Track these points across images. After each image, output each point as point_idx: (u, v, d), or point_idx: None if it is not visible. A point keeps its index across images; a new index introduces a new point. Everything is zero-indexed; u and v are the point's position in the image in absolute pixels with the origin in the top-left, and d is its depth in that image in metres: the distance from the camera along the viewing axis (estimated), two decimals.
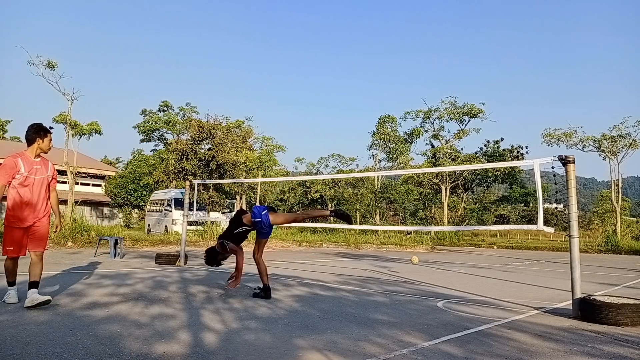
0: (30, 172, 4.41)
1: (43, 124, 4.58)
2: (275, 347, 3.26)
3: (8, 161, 4.38)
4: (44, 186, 4.54)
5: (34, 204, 4.43)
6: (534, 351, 3.35)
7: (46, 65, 19.84)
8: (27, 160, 4.45)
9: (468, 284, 7.90)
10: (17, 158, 4.41)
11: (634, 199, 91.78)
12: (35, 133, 4.50)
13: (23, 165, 4.38)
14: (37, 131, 4.50)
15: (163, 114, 43.91)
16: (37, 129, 4.51)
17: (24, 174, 4.37)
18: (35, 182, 4.44)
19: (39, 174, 4.49)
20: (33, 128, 4.51)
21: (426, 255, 18.08)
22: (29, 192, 4.39)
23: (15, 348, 2.98)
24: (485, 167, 26.48)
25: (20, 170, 4.36)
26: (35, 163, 4.48)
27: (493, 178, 43.19)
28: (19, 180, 4.36)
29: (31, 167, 4.43)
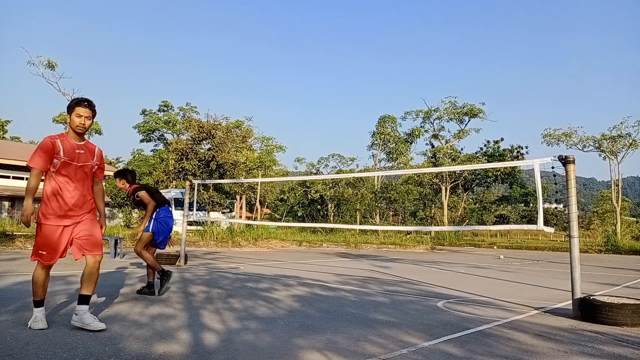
0: (70, 158, 3.54)
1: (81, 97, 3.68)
2: (275, 347, 3.26)
3: (45, 142, 3.51)
4: (89, 176, 3.68)
5: (76, 198, 3.56)
6: (534, 351, 3.35)
7: (46, 65, 19.91)
8: (67, 142, 3.58)
9: (468, 284, 7.90)
10: (57, 139, 3.55)
11: (634, 199, 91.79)
12: (67, 109, 3.66)
13: (62, 148, 3.53)
14: (68, 106, 3.66)
15: (163, 114, 43.94)
16: (68, 104, 3.65)
17: (62, 158, 3.51)
18: (77, 171, 3.58)
19: (82, 160, 3.61)
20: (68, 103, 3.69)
21: (426, 255, 18.08)
22: (69, 183, 3.53)
23: (15, 348, 2.98)
24: (485, 167, 26.49)
25: (59, 154, 3.51)
26: (77, 147, 3.61)
27: (493, 178, 43.23)
28: (56, 166, 3.51)
29: (72, 151, 3.56)
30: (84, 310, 3.50)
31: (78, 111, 3.58)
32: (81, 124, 3.59)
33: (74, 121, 3.59)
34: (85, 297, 3.54)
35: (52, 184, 3.51)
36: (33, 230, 14.71)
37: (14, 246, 12.58)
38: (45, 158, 3.48)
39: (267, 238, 19.21)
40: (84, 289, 3.56)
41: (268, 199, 47.54)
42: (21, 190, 36.45)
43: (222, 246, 17.03)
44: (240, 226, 20.18)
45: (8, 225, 15.36)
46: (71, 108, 3.61)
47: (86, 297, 3.55)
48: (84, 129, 3.62)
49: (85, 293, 3.55)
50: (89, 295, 3.56)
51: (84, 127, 3.60)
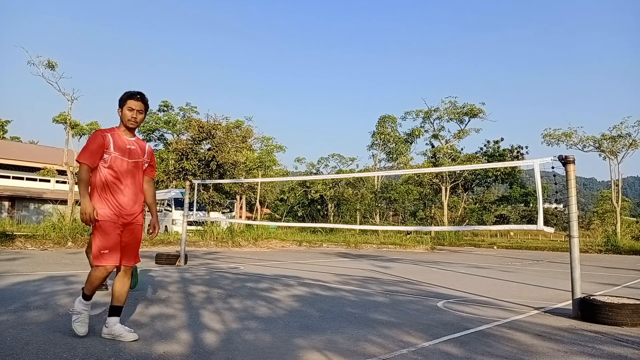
0: (122, 153, 3.35)
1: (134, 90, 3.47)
2: (275, 347, 3.26)
3: (95, 135, 3.34)
4: (140, 173, 3.49)
5: (128, 196, 3.37)
6: (534, 351, 3.35)
7: (46, 65, 19.87)
8: (118, 137, 3.39)
9: (468, 284, 7.90)
10: (107, 133, 3.36)
11: (634, 199, 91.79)
12: (119, 102, 3.45)
13: (113, 143, 3.34)
14: (120, 100, 3.44)
15: (163, 114, 43.92)
16: (120, 97, 3.45)
17: (113, 153, 3.32)
18: (129, 167, 3.38)
19: (133, 156, 3.42)
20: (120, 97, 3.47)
21: (426, 255, 18.07)
22: (120, 179, 3.34)
23: (15, 348, 2.98)
24: (485, 167, 26.49)
25: (109, 149, 3.32)
26: (128, 142, 3.43)
27: (493, 178, 43.22)
28: (107, 162, 3.31)
29: (123, 146, 3.38)
30: (114, 322, 3.28)
31: (130, 104, 3.38)
32: (133, 118, 3.38)
33: (126, 115, 3.38)
34: (116, 308, 3.34)
35: (103, 180, 3.29)
36: (33, 230, 14.75)
37: (14, 246, 12.58)
38: (95, 153, 3.28)
39: (267, 238, 19.21)
40: (117, 300, 3.34)
41: (268, 199, 47.52)
42: (21, 190, 36.46)
43: (222, 246, 17.03)
44: (240, 226, 20.18)
45: (8, 225, 15.36)
46: (123, 101, 3.41)
47: (117, 309, 3.35)
48: (136, 123, 3.42)
49: (118, 304, 3.34)
50: (120, 306, 3.36)
51: (135, 121, 3.40)
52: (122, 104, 3.41)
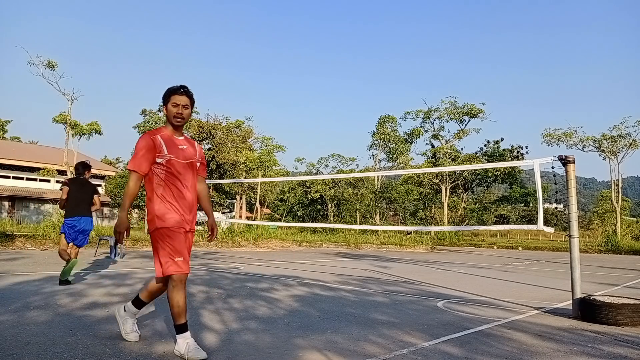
0: (175, 155, 3.10)
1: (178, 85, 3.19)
2: (275, 347, 3.26)
3: (145, 140, 3.06)
4: (195, 174, 3.22)
5: (187, 200, 3.11)
6: (534, 351, 3.35)
7: (46, 65, 19.89)
8: (169, 138, 3.14)
9: (468, 284, 7.90)
10: (156, 135, 3.11)
11: (634, 199, 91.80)
12: (163, 99, 3.19)
13: (164, 145, 3.09)
14: (163, 96, 3.18)
15: (163, 114, 43.89)
16: (163, 94, 3.19)
17: (167, 156, 3.06)
18: (184, 169, 3.13)
19: (187, 156, 3.16)
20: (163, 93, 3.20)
21: (426, 255, 18.08)
22: (177, 183, 3.08)
23: (15, 348, 2.98)
24: (485, 167, 26.51)
25: (163, 152, 3.07)
26: (179, 142, 3.17)
27: (493, 178, 43.22)
28: (161, 166, 3.05)
29: (175, 147, 3.13)
30: (186, 337, 2.97)
31: (174, 100, 3.12)
32: (179, 114, 3.11)
33: (171, 111, 3.12)
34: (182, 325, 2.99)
35: (163, 186, 3.05)
36: (33, 230, 14.76)
37: (14, 246, 12.59)
38: (145, 159, 3.02)
39: (267, 238, 19.21)
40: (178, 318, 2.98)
41: (268, 199, 47.50)
42: (21, 190, 36.46)
43: (222, 246, 17.03)
44: (240, 226, 20.18)
45: (8, 225, 15.36)
46: (166, 97, 3.15)
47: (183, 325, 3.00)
48: (183, 120, 3.15)
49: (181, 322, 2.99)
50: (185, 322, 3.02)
51: (182, 117, 3.13)
52: (166, 101, 3.15)
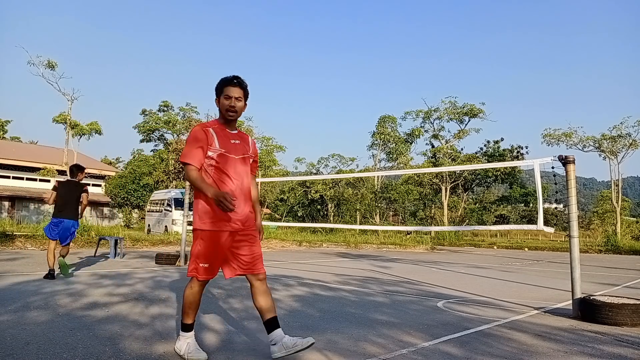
0: (227, 149, 2.93)
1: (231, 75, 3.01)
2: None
3: (197, 132, 2.92)
4: (247, 171, 3.05)
5: (239, 197, 2.93)
6: (534, 351, 3.35)
7: (46, 66, 19.91)
8: (221, 131, 2.97)
9: (468, 284, 7.90)
10: (209, 127, 2.95)
11: (634, 199, 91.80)
12: (215, 91, 3.03)
13: (217, 138, 2.92)
14: (216, 88, 3.02)
15: (163, 114, 43.89)
16: (216, 86, 3.02)
17: (218, 150, 2.90)
18: (236, 165, 2.96)
19: (239, 152, 2.99)
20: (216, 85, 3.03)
21: (426, 255, 18.08)
22: (228, 180, 2.92)
23: (15, 348, 2.98)
24: (485, 167, 26.51)
25: (214, 145, 2.90)
26: (232, 136, 3.01)
27: (493, 178, 43.22)
28: (211, 160, 2.90)
29: (227, 141, 2.96)
30: (280, 336, 2.89)
31: (227, 92, 2.94)
32: (232, 107, 2.94)
33: (223, 104, 2.95)
34: (274, 320, 2.95)
35: (209, 183, 2.88)
36: (33, 230, 14.75)
37: (14, 246, 12.58)
38: (198, 151, 2.87)
39: (267, 238, 19.21)
40: (269, 312, 2.95)
41: (268, 199, 47.50)
42: (21, 190, 36.47)
43: None
44: None
45: (8, 225, 15.36)
46: (219, 90, 2.99)
47: (275, 320, 2.96)
48: (236, 113, 2.97)
49: (272, 316, 2.95)
50: (275, 316, 2.97)
51: (235, 110, 2.95)
52: (219, 93, 2.99)
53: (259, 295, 2.96)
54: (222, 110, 2.99)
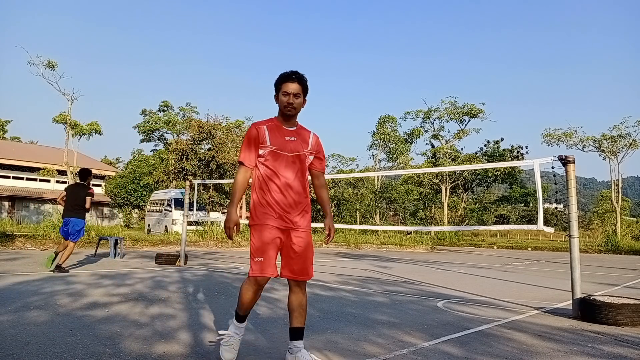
0: (280, 147, 2.85)
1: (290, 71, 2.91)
2: (275, 347, 3.26)
3: (249, 131, 2.92)
4: (303, 169, 2.94)
5: (289, 197, 2.84)
6: (534, 351, 3.35)
7: (46, 65, 19.89)
8: (276, 128, 2.90)
9: (468, 284, 7.90)
10: (262, 125, 2.90)
11: (634, 199, 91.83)
12: (275, 87, 2.95)
13: (268, 136, 2.87)
14: (275, 84, 2.94)
15: (163, 114, 43.94)
16: (275, 82, 2.94)
17: (269, 147, 2.84)
18: (289, 163, 2.87)
19: (293, 149, 2.88)
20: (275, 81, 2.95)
21: (426, 255, 18.08)
22: (279, 178, 2.84)
23: (15, 348, 2.98)
24: (485, 167, 26.51)
25: (266, 143, 2.85)
26: (288, 133, 2.91)
27: (493, 178, 43.24)
28: (264, 157, 2.86)
29: (281, 138, 2.88)
30: (299, 347, 2.82)
31: (285, 88, 2.86)
32: (289, 104, 2.85)
33: (282, 101, 2.87)
34: (298, 330, 2.86)
35: (261, 180, 2.86)
36: (33, 230, 14.76)
37: (14, 246, 12.58)
38: (250, 150, 2.85)
39: None
40: (296, 320, 2.86)
41: None
42: (21, 190, 36.48)
43: (222, 246, 17.03)
44: (241, 226, 20.15)
45: (8, 225, 15.36)
46: (277, 86, 2.90)
47: (299, 330, 2.87)
48: (294, 110, 2.89)
49: (297, 325, 2.86)
50: (302, 327, 2.88)
51: (293, 107, 2.86)
52: (277, 89, 2.91)
53: (294, 299, 2.88)
54: (280, 107, 2.91)
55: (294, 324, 2.87)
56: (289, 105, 2.86)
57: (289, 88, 2.85)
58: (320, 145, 3.06)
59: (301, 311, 2.87)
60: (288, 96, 2.85)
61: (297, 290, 2.87)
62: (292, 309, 2.87)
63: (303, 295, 2.88)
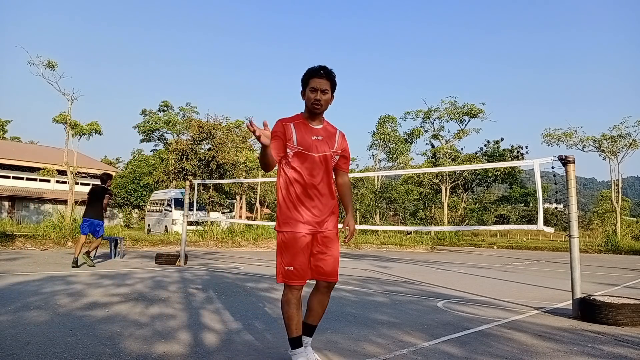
0: (306, 147, 2.74)
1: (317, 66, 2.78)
2: (275, 347, 3.26)
3: (276, 126, 2.78)
4: (330, 169, 2.85)
5: (316, 198, 2.75)
6: (534, 351, 3.35)
7: (46, 65, 19.85)
8: (303, 126, 2.78)
9: (468, 284, 7.90)
10: (289, 122, 2.77)
11: (634, 199, 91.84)
12: (301, 83, 2.82)
13: (295, 134, 2.74)
14: (302, 80, 2.81)
15: (163, 114, 43.95)
16: (302, 77, 2.81)
17: (295, 147, 2.73)
18: (315, 163, 2.76)
19: (320, 149, 2.77)
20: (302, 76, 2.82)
21: (426, 255, 18.08)
22: (306, 179, 2.73)
23: (15, 348, 2.98)
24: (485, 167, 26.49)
25: (292, 143, 2.74)
26: (315, 132, 2.80)
27: (493, 178, 43.24)
28: (289, 158, 2.75)
29: (308, 138, 2.76)
30: (307, 343, 2.84)
31: (313, 83, 2.72)
32: (317, 101, 2.72)
33: (309, 97, 2.73)
34: (310, 326, 2.87)
35: (288, 183, 2.75)
36: (33, 230, 14.75)
37: (14, 246, 12.58)
38: (276, 145, 2.69)
39: (267, 238, 19.20)
40: (311, 317, 2.86)
41: (268, 199, 47.53)
42: (21, 190, 36.47)
43: (222, 246, 17.03)
44: (240, 226, 20.18)
45: (8, 225, 15.36)
46: (305, 81, 2.77)
47: (312, 327, 2.89)
48: (321, 107, 2.76)
49: (311, 323, 2.87)
50: (315, 325, 2.90)
51: (320, 104, 2.73)
52: (304, 85, 2.77)
53: (316, 298, 2.85)
54: (307, 104, 2.78)
55: (309, 320, 2.85)
56: (316, 102, 2.73)
57: (316, 84, 2.73)
58: (347, 144, 2.97)
59: (319, 310, 2.85)
60: (316, 92, 2.72)
61: (323, 291, 2.85)
62: (311, 306, 2.85)
63: (326, 296, 2.86)
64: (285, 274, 2.70)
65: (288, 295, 2.72)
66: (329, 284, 2.83)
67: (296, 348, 2.73)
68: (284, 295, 2.74)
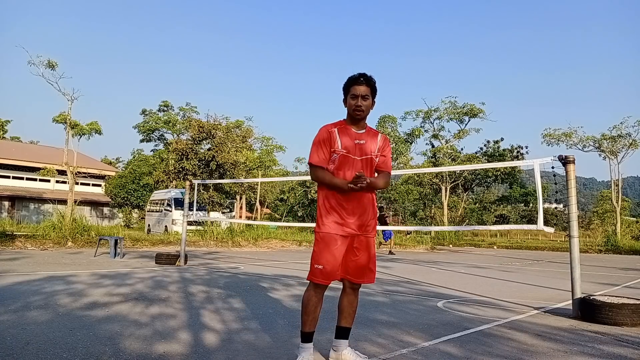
0: (350, 151, 2.84)
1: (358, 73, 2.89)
2: (275, 347, 3.26)
3: (321, 132, 2.89)
4: (371, 172, 2.93)
5: (357, 200, 2.83)
6: (534, 351, 3.35)
7: (46, 65, 19.81)
8: (346, 131, 2.88)
9: (468, 284, 7.90)
10: (333, 128, 2.88)
11: (634, 199, 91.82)
12: (343, 90, 2.95)
13: (339, 139, 2.85)
14: (343, 87, 2.94)
15: (163, 114, 43.97)
16: (344, 84, 2.93)
17: (340, 151, 2.83)
18: (356, 166, 2.85)
19: (362, 152, 2.87)
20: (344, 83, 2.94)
21: (426, 255, 18.08)
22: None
23: (15, 348, 2.98)
24: (485, 167, 26.50)
25: (337, 147, 2.84)
26: (357, 137, 2.89)
27: (493, 178, 43.22)
28: (334, 162, 2.85)
29: (351, 142, 2.86)
30: (344, 345, 2.94)
31: (353, 90, 2.84)
32: (358, 107, 2.83)
33: (350, 104, 2.85)
34: (344, 329, 2.97)
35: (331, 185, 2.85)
36: (33, 230, 14.76)
37: (14, 246, 12.58)
38: (323, 152, 2.84)
39: (267, 238, 19.21)
40: (344, 320, 2.96)
41: (268, 199, 47.51)
42: (21, 190, 36.47)
43: (222, 246, 17.03)
44: (240, 226, 20.17)
45: (8, 225, 15.37)
46: (346, 89, 2.90)
47: (346, 330, 2.97)
48: (362, 113, 2.86)
49: (345, 325, 2.97)
50: (349, 328, 2.98)
51: (361, 110, 2.84)
52: (346, 92, 2.90)
53: (346, 299, 2.97)
54: (349, 110, 2.90)
55: (342, 324, 2.96)
56: (357, 108, 2.83)
57: (357, 90, 2.84)
58: (388, 146, 3.03)
59: (351, 312, 2.96)
60: (356, 99, 2.83)
61: (351, 292, 2.96)
62: (342, 308, 2.96)
63: (355, 297, 2.97)
64: (313, 271, 2.82)
65: (311, 292, 2.85)
66: (353, 285, 2.95)
67: (306, 342, 2.84)
68: (307, 291, 2.87)
